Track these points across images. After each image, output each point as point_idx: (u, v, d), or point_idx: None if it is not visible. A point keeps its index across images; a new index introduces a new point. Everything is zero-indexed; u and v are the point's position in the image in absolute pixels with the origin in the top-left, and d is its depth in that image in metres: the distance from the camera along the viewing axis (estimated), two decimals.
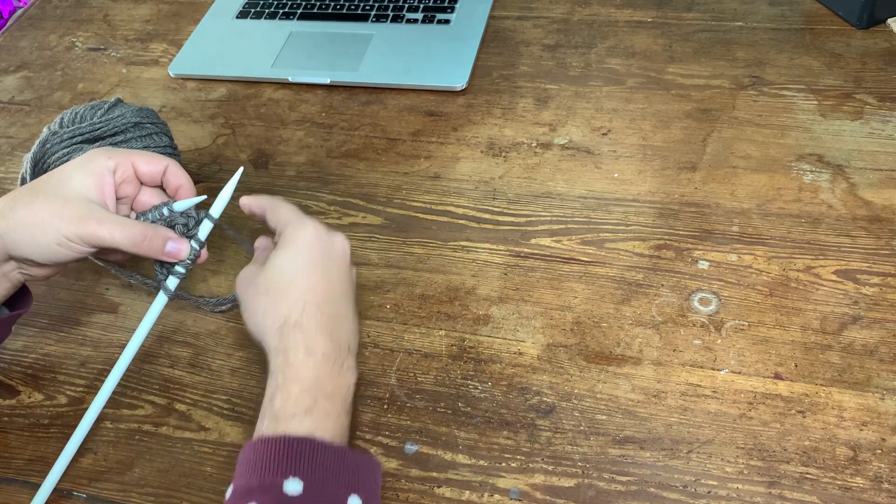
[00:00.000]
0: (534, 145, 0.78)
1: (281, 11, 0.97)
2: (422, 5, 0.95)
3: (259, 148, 0.82)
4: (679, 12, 0.91)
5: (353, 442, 0.58)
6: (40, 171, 0.68)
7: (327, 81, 0.88)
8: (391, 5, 0.96)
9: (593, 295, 0.64)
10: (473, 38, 0.90)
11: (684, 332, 0.61)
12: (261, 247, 0.60)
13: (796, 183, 0.71)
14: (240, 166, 0.60)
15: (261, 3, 0.99)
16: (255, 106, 0.87)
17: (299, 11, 0.97)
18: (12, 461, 0.60)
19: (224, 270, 0.71)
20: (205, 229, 0.58)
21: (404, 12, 0.95)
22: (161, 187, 0.60)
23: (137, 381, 0.64)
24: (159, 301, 0.58)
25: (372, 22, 0.94)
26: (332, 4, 0.97)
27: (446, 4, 0.94)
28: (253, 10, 0.98)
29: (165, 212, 0.57)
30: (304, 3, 0.98)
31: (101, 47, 0.99)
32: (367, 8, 0.96)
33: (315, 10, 0.97)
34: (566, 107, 0.81)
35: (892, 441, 0.54)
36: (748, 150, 0.74)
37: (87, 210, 0.53)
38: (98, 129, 0.68)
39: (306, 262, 0.53)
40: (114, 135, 0.69)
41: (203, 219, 0.58)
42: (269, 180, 0.79)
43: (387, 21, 0.94)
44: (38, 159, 0.67)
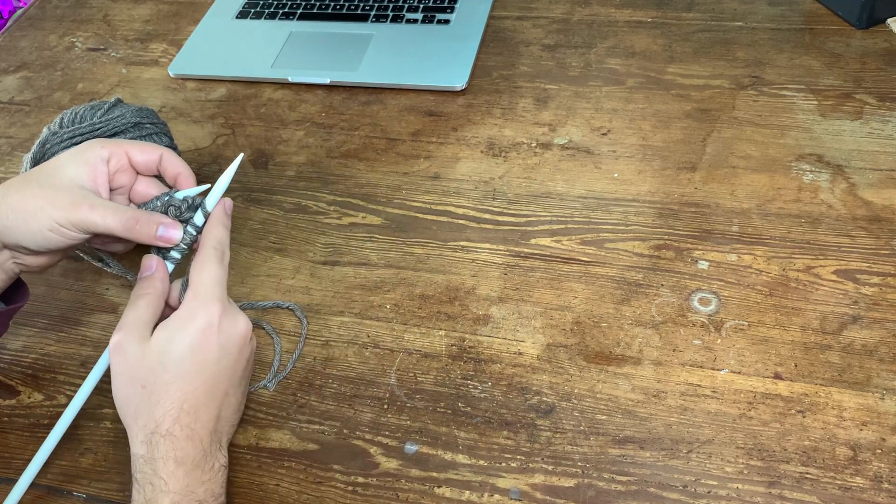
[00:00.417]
0: (533, 145, 0.78)
1: (281, 11, 0.97)
2: (422, 5, 0.95)
3: (259, 148, 0.82)
4: (679, 12, 0.91)
5: (353, 442, 0.58)
6: None
7: (327, 81, 0.88)
8: (391, 5, 0.96)
9: (593, 295, 0.64)
10: (473, 38, 0.90)
11: (684, 332, 0.61)
12: (160, 292, 0.54)
13: (796, 183, 0.71)
14: (239, 153, 0.58)
15: (261, 3, 0.99)
16: (255, 106, 0.87)
17: (299, 11, 0.97)
18: (12, 461, 0.60)
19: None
20: (200, 215, 0.56)
21: (404, 12, 0.95)
22: (159, 177, 0.59)
23: None
24: None
25: (372, 22, 0.94)
26: (332, 4, 0.97)
27: (446, 4, 0.94)
28: (253, 11, 0.98)
29: (166, 201, 0.57)
30: (304, 4, 0.98)
31: (101, 47, 0.99)
32: (367, 8, 0.96)
33: (315, 11, 0.97)
34: (566, 107, 0.81)
35: (892, 441, 0.54)
36: (748, 150, 0.74)
37: (80, 196, 0.53)
38: (98, 130, 0.68)
39: (193, 362, 0.50)
40: (114, 135, 0.69)
41: (197, 204, 0.56)
42: (268, 180, 0.79)
43: (386, 21, 0.94)
44: (37, 159, 0.67)
